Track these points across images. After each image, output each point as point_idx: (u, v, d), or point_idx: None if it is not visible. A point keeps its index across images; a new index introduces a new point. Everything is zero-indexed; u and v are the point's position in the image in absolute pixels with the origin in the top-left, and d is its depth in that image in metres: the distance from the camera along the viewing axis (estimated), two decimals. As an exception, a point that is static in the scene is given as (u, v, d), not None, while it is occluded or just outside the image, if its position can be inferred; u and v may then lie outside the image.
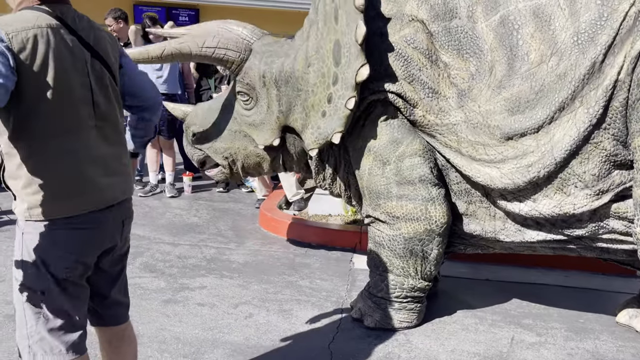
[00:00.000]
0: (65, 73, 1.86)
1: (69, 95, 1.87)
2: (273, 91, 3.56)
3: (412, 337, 3.39)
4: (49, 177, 1.86)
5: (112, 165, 2.03)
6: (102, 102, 1.99)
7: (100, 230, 2.00)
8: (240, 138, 3.86)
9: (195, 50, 3.60)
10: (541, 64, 2.82)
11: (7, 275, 4.03)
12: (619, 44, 2.66)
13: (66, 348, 1.96)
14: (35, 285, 1.91)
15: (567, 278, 4.44)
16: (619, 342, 3.43)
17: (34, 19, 1.82)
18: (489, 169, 3.02)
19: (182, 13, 14.86)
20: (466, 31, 2.98)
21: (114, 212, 2.05)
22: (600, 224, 2.98)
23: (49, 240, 1.89)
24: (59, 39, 1.85)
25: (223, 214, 5.96)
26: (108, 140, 2.02)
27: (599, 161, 2.80)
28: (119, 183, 2.06)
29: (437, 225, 3.27)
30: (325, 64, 3.25)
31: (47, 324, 1.94)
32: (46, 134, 1.84)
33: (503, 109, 2.91)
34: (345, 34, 3.10)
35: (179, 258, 4.58)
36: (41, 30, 1.81)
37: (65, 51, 1.87)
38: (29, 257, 1.91)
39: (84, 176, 1.92)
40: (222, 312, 3.61)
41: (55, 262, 1.91)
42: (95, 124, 1.97)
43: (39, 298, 1.91)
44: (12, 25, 1.77)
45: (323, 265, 4.55)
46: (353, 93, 3.12)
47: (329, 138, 3.29)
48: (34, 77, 1.79)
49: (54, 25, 1.85)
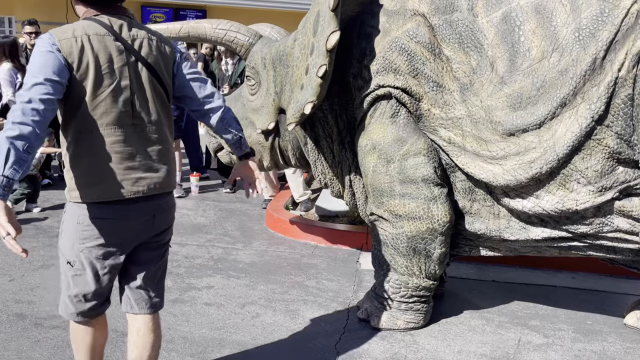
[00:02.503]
0: (106, 75, 2.09)
1: (108, 95, 2.10)
2: (271, 73, 3.61)
3: (418, 338, 3.39)
4: (81, 165, 2.13)
5: (146, 161, 2.20)
6: (142, 103, 2.19)
7: (122, 220, 2.19)
8: (247, 125, 3.89)
9: (209, 31, 3.78)
10: (542, 60, 2.83)
11: (17, 274, 4.07)
12: (620, 40, 2.66)
13: (77, 313, 2.30)
14: (66, 255, 2.24)
15: (575, 279, 4.42)
16: (627, 344, 3.42)
17: (85, 27, 2.10)
18: (491, 166, 3.02)
19: (189, 14, 14.93)
20: (467, 24, 3.00)
21: (140, 205, 2.20)
22: (605, 222, 2.98)
23: (76, 220, 2.17)
24: (103, 46, 2.10)
25: (230, 215, 5.98)
26: (146, 138, 2.20)
27: (601, 157, 2.79)
28: (152, 178, 2.21)
29: (439, 224, 3.27)
30: (306, 36, 3.27)
31: (68, 289, 2.27)
32: (85, 128, 2.10)
33: (505, 105, 2.91)
34: (323, 3, 3.09)
35: (186, 258, 4.60)
36: (87, 37, 2.07)
37: (108, 56, 2.10)
38: (64, 231, 2.23)
39: (110, 168, 2.12)
40: (229, 312, 3.63)
41: (78, 240, 2.18)
42: (133, 122, 2.17)
43: (67, 267, 2.24)
44: (64, 33, 2.07)
45: (330, 265, 4.56)
46: (324, 61, 3.05)
47: (302, 110, 3.24)
48: (77, 78, 2.05)
49: (101, 33, 2.11)
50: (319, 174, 3.83)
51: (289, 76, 3.46)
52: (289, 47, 3.45)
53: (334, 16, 2.98)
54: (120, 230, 2.20)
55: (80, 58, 2.05)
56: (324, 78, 3.09)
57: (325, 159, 3.72)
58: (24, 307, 3.56)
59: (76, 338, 2.40)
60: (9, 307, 3.55)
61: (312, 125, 3.61)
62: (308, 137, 3.68)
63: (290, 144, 3.86)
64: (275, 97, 3.62)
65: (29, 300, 3.65)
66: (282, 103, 3.57)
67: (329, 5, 2.97)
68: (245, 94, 3.89)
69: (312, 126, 3.62)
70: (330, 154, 3.69)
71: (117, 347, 3.10)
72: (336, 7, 2.96)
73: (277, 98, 3.61)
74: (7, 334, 3.21)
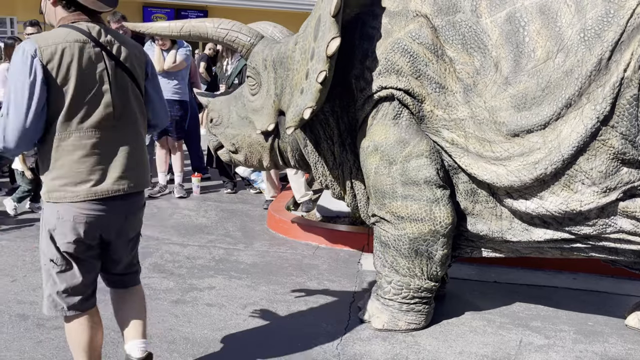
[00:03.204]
0: (86, 80, 2.20)
1: (89, 99, 2.22)
2: (272, 74, 3.61)
3: (419, 339, 3.40)
4: (62, 167, 2.22)
5: (125, 161, 2.33)
6: (121, 106, 2.32)
7: (101, 217, 2.31)
8: (246, 125, 3.90)
9: (210, 30, 3.72)
10: (547, 60, 2.83)
11: (19, 275, 4.07)
12: (626, 41, 2.66)
13: (68, 307, 2.37)
14: (48, 254, 2.33)
15: (576, 280, 4.42)
16: (628, 345, 3.42)
17: (65, 34, 2.19)
18: (495, 166, 3.02)
19: (191, 14, 14.93)
20: (470, 25, 2.99)
21: (117, 203, 2.33)
22: (608, 223, 2.98)
23: (56, 219, 2.26)
24: (83, 52, 2.20)
25: (231, 215, 5.99)
26: (125, 139, 2.34)
27: (606, 158, 2.79)
28: (133, 177, 2.36)
29: (441, 226, 3.27)
30: (307, 40, 3.27)
31: (54, 286, 2.35)
32: (64, 130, 2.19)
33: (509, 106, 2.91)
34: (325, 8, 3.08)
35: (188, 259, 4.61)
36: (69, 44, 2.17)
37: (88, 62, 2.21)
38: (45, 231, 2.32)
39: (92, 168, 2.25)
40: (231, 313, 3.63)
41: (59, 237, 2.28)
42: (114, 124, 2.29)
43: (50, 265, 2.33)
44: (44, 40, 2.16)
45: (331, 266, 4.56)
46: (324, 67, 3.05)
47: (301, 114, 3.24)
48: (58, 83, 2.15)
49: (80, 40, 2.21)
50: (319, 176, 3.83)
51: (289, 79, 3.46)
52: (290, 50, 3.45)
53: (335, 22, 2.97)
54: (99, 226, 2.32)
55: (61, 66, 2.15)
56: (323, 84, 3.09)
57: (326, 161, 3.71)
58: (26, 308, 3.56)
59: (72, 338, 2.46)
60: (11, 308, 3.55)
61: (313, 127, 3.61)
62: (308, 139, 3.68)
63: (290, 146, 3.86)
64: (275, 98, 3.62)
65: (31, 301, 3.66)
66: (282, 105, 3.58)
67: (330, 11, 2.96)
68: (246, 93, 3.89)
69: (312, 128, 3.61)
70: (331, 155, 3.68)
71: (118, 347, 3.11)
72: (337, 13, 2.96)
73: (277, 100, 3.61)
74: (9, 335, 3.22)
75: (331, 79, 3.12)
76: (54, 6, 2.28)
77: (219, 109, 4.07)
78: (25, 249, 4.63)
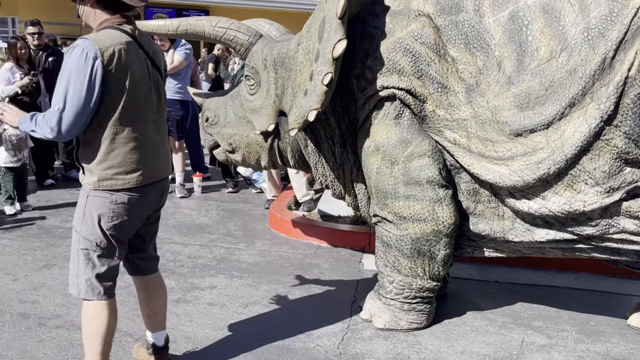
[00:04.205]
0: (136, 79, 2.43)
1: (137, 96, 2.45)
2: (272, 74, 3.57)
3: (421, 339, 3.39)
4: (116, 157, 2.42)
5: (160, 150, 2.62)
6: (157, 101, 2.59)
7: (147, 200, 2.58)
8: (244, 124, 3.86)
9: (207, 28, 3.69)
10: (551, 59, 2.82)
11: (20, 274, 4.07)
12: (629, 40, 2.65)
13: (103, 291, 2.53)
14: (92, 238, 2.48)
15: (578, 280, 4.42)
16: (630, 345, 3.41)
17: (118, 36, 2.39)
18: (497, 166, 3.01)
19: (192, 14, 14.94)
20: (473, 25, 2.98)
21: (157, 186, 2.63)
22: (611, 223, 2.97)
23: (108, 204, 2.46)
24: (133, 52, 2.43)
25: (233, 215, 5.99)
26: (158, 130, 2.62)
27: (609, 158, 2.78)
28: (163, 164, 2.66)
29: (444, 226, 3.27)
30: (311, 41, 3.24)
31: (93, 269, 2.51)
32: (119, 124, 2.41)
33: (512, 105, 2.90)
34: (330, 9, 3.07)
35: (189, 258, 4.61)
36: (122, 46, 2.38)
37: (137, 62, 2.45)
38: (90, 215, 2.47)
39: (141, 158, 2.48)
40: (232, 312, 3.63)
41: (108, 221, 2.47)
42: (152, 118, 2.55)
43: (93, 248, 2.49)
44: (103, 42, 2.33)
45: (332, 265, 4.56)
46: (330, 69, 3.04)
47: (306, 116, 3.23)
48: (116, 82, 2.36)
49: (129, 41, 2.42)
50: (320, 176, 3.81)
51: (291, 80, 3.44)
52: (292, 51, 3.43)
53: (341, 24, 2.96)
54: (141, 209, 2.58)
55: (119, 67, 2.35)
56: (329, 86, 3.09)
57: (327, 161, 3.70)
58: (27, 307, 3.56)
59: (94, 324, 2.54)
60: (13, 307, 3.55)
61: (314, 128, 3.59)
62: (309, 140, 3.66)
63: (290, 146, 3.84)
64: (275, 99, 3.59)
65: (33, 300, 3.66)
66: (283, 106, 3.56)
67: (337, 13, 2.95)
68: (244, 93, 3.84)
69: (313, 128, 3.60)
70: (331, 156, 3.67)
71: (121, 347, 3.11)
72: (343, 15, 2.96)
73: (277, 100, 3.58)
74: (10, 334, 3.22)
75: (336, 81, 3.12)
76: (93, 8, 2.43)
77: (215, 108, 4.01)
78: (26, 248, 4.63)
